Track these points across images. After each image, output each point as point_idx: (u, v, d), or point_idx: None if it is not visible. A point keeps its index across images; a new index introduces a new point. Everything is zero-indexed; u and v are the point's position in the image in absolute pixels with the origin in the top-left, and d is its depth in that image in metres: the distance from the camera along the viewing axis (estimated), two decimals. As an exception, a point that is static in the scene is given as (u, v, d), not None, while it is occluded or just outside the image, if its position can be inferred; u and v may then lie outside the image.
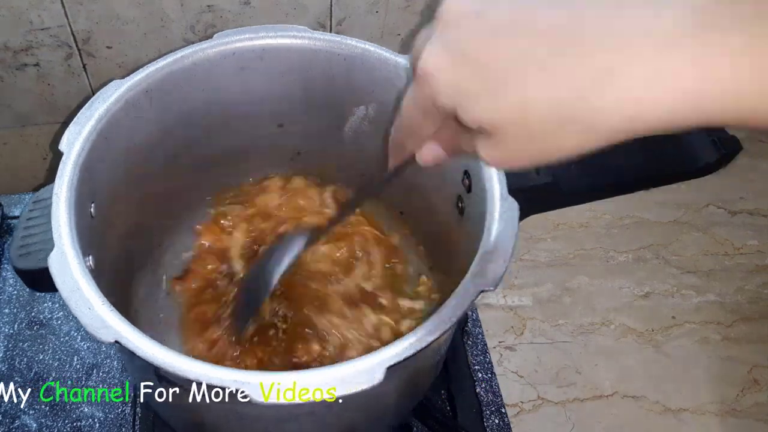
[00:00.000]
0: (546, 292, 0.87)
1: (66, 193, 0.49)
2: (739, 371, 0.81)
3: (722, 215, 0.96)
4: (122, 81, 0.56)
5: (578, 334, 0.83)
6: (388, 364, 0.42)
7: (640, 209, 0.96)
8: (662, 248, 0.92)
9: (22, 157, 0.92)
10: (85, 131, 0.52)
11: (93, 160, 0.52)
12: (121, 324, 0.43)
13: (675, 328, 0.84)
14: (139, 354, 0.42)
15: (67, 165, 0.50)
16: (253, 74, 0.62)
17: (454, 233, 0.62)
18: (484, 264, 0.47)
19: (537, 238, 0.92)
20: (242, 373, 0.41)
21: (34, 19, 0.76)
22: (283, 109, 0.67)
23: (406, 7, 0.89)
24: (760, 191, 0.99)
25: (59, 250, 0.46)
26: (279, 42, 0.61)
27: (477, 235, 0.50)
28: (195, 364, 0.41)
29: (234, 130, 0.67)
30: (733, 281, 0.89)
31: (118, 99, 0.55)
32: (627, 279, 0.88)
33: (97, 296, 0.44)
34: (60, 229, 0.47)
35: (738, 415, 0.77)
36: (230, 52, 0.60)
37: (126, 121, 0.56)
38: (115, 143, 0.56)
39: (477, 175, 0.54)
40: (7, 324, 0.73)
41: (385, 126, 0.65)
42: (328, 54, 0.61)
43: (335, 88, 0.64)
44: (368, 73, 0.61)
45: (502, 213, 0.50)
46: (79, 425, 0.66)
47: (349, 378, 0.41)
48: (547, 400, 0.78)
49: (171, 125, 0.61)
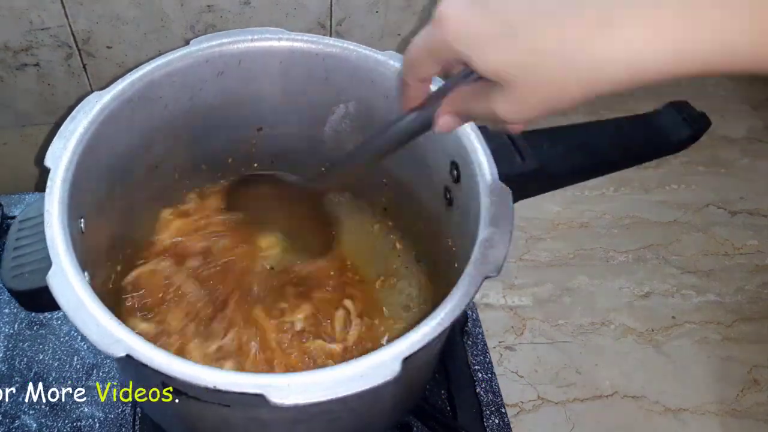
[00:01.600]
0: (546, 292, 0.87)
1: (57, 209, 0.48)
2: (739, 371, 0.81)
3: (722, 215, 0.96)
4: (102, 92, 0.55)
5: (578, 334, 0.83)
6: (404, 355, 0.42)
7: (640, 209, 0.96)
8: (662, 248, 0.92)
9: (22, 157, 0.92)
10: (71, 145, 0.51)
11: (80, 174, 0.51)
12: (131, 337, 0.42)
13: (675, 328, 0.84)
14: (151, 366, 0.41)
15: (56, 181, 0.49)
16: (231, 79, 0.62)
17: (442, 224, 0.62)
18: (485, 250, 0.48)
19: (537, 238, 0.92)
20: (262, 377, 0.41)
21: (34, 19, 0.76)
22: (263, 112, 0.67)
23: (406, 7, 0.89)
24: (760, 191, 0.99)
25: (58, 268, 0.45)
26: (257, 45, 0.61)
27: (467, 224, 0.51)
28: (211, 372, 0.41)
29: (214, 135, 0.67)
30: (733, 281, 0.89)
31: (101, 110, 0.54)
32: (627, 279, 0.88)
33: (103, 311, 0.43)
34: (56, 247, 0.46)
35: (738, 415, 0.77)
36: (208, 57, 0.60)
37: (110, 132, 0.55)
38: (99, 155, 0.55)
39: (465, 164, 0.55)
40: (7, 324, 0.73)
41: (365, 124, 0.65)
42: (305, 54, 0.61)
43: (314, 89, 0.63)
44: (348, 72, 0.61)
45: (496, 199, 0.50)
46: (79, 425, 0.66)
47: (366, 373, 0.41)
48: (547, 400, 0.78)
49: (153, 133, 0.61)
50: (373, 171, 0.64)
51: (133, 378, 0.58)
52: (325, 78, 0.62)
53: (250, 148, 0.70)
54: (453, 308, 0.45)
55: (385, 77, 0.60)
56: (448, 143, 0.56)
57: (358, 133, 0.66)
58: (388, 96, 0.61)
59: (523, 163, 0.58)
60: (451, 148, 0.56)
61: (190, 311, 0.62)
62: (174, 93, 0.60)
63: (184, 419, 0.55)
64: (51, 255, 0.45)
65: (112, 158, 0.57)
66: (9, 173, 0.94)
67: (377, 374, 0.41)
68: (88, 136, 0.53)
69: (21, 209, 0.80)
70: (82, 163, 0.52)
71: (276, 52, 0.61)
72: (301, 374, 0.41)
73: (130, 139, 0.59)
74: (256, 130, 0.68)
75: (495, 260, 0.47)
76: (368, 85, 0.61)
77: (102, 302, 0.44)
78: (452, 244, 0.60)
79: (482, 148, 0.54)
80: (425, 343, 0.43)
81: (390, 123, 0.44)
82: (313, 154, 0.71)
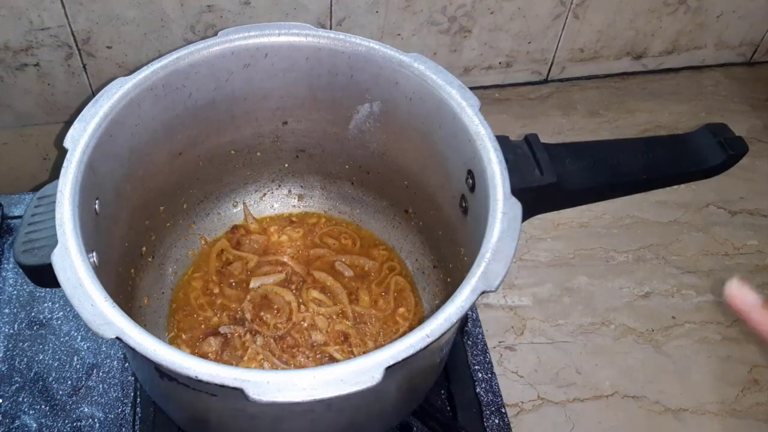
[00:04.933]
0: (546, 292, 0.87)
1: (70, 189, 0.49)
2: (739, 371, 0.81)
3: (722, 215, 0.96)
4: (126, 78, 0.56)
5: (578, 334, 0.83)
6: (386, 364, 0.42)
7: (640, 209, 0.96)
8: (662, 248, 0.92)
9: (22, 157, 0.92)
10: (90, 128, 0.53)
11: (97, 157, 0.53)
12: (123, 320, 0.43)
13: (675, 328, 0.84)
14: (139, 350, 0.42)
15: (72, 162, 0.51)
16: (257, 71, 0.62)
17: (458, 232, 0.62)
18: (486, 265, 0.47)
19: (537, 238, 0.92)
20: (242, 372, 0.41)
21: (34, 19, 0.76)
22: (288, 107, 0.67)
23: (406, 7, 0.89)
24: (760, 191, 0.99)
25: (63, 247, 0.46)
26: (283, 40, 0.61)
27: (480, 234, 0.50)
28: (195, 361, 0.41)
29: (238, 126, 0.67)
30: (733, 281, 0.89)
31: (123, 96, 0.55)
32: (627, 279, 0.88)
33: (100, 292, 0.44)
34: (63, 226, 0.47)
35: (738, 415, 0.77)
36: (234, 50, 0.60)
37: (130, 119, 0.57)
38: (119, 140, 0.56)
39: (480, 175, 0.54)
40: (7, 324, 0.73)
41: (389, 124, 0.65)
42: (332, 52, 0.61)
43: (339, 86, 0.64)
44: (372, 72, 0.61)
45: (505, 213, 0.50)
46: (79, 425, 0.66)
47: (347, 378, 0.41)
48: (547, 400, 0.78)
49: (175, 122, 0.62)
50: (394, 174, 0.64)
51: (137, 368, 0.59)
52: (351, 76, 0.63)
53: (275, 140, 0.71)
54: (444, 322, 0.44)
55: (409, 79, 0.60)
56: (466, 151, 0.56)
57: (382, 133, 0.66)
58: (411, 98, 0.61)
59: (541, 176, 0.56)
60: (467, 157, 0.56)
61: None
62: (198, 83, 0.61)
63: (179, 403, 0.56)
64: (58, 234, 0.46)
65: (133, 143, 0.58)
66: (9, 173, 0.94)
67: (358, 380, 0.41)
68: (108, 120, 0.54)
69: (21, 209, 0.81)
70: (100, 146, 0.53)
71: (302, 47, 0.61)
72: (282, 372, 0.42)
73: (152, 126, 0.60)
74: (281, 124, 0.69)
75: (494, 276, 0.46)
76: (392, 85, 0.61)
77: (103, 283, 0.45)
78: (464, 254, 0.60)
79: (497, 160, 0.53)
80: (410, 353, 0.43)
81: None
82: (337, 152, 0.71)
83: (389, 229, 0.75)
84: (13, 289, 0.75)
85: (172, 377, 0.45)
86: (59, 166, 0.50)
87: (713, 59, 1.13)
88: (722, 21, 1.06)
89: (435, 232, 0.69)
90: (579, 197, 0.61)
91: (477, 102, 0.56)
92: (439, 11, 0.91)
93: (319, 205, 0.78)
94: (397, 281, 0.72)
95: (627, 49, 1.07)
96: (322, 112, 0.67)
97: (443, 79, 0.58)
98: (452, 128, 0.57)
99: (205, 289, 0.70)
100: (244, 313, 0.68)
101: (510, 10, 0.95)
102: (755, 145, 1.03)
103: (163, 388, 0.53)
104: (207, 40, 0.60)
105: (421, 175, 0.67)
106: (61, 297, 0.75)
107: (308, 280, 0.71)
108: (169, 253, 0.71)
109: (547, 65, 1.06)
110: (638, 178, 0.60)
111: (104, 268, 0.52)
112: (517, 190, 0.51)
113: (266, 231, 0.76)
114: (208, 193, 0.73)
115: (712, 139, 0.60)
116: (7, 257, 0.78)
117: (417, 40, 0.94)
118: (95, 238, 0.51)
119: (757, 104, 1.10)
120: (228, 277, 0.71)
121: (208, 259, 0.72)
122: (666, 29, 1.05)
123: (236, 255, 0.73)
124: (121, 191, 0.58)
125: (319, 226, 0.77)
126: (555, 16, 0.98)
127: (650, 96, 1.09)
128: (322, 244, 0.75)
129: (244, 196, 0.76)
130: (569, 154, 0.58)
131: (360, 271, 0.73)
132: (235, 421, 0.53)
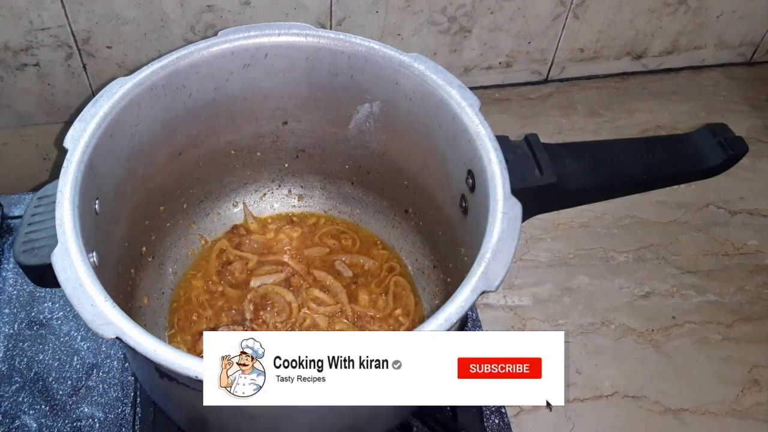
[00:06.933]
0: (546, 292, 0.87)
1: (70, 189, 0.49)
2: (739, 371, 0.81)
3: (722, 215, 0.96)
4: (127, 78, 0.56)
5: (578, 334, 0.83)
6: None
7: (640, 209, 0.96)
8: (662, 248, 0.92)
9: (22, 157, 0.92)
10: (90, 128, 0.53)
11: (98, 157, 0.53)
12: (123, 320, 0.43)
13: (675, 328, 0.84)
14: (139, 350, 0.42)
15: (72, 162, 0.51)
16: (257, 71, 0.62)
17: (458, 232, 0.62)
18: (486, 265, 0.47)
19: (537, 238, 0.92)
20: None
21: (34, 19, 0.76)
22: (288, 107, 0.67)
23: (406, 7, 0.89)
24: (760, 191, 0.99)
25: (63, 247, 0.46)
26: (283, 40, 0.61)
27: (480, 234, 0.50)
28: (195, 361, 0.41)
29: (238, 126, 0.67)
30: (733, 281, 0.89)
31: (123, 96, 0.55)
32: (627, 279, 0.88)
33: (100, 292, 0.44)
34: (63, 226, 0.47)
35: (738, 415, 0.77)
36: (234, 50, 0.60)
37: (130, 119, 0.57)
38: (119, 140, 0.56)
39: (480, 175, 0.54)
40: (7, 324, 0.73)
41: (389, 125, 0.65)
42: (332, 52, 0.61)
43: (339, 86, 0.64)
44: (372, 72, 0.61)
45: (505, 213, 0.50)
46: (79, 425, 0.66)
47: None
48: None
49: (175, 122, 0.62)
50: (394, 174, 0.64)
51: (138, 368, 0.59)
52: (351, 76, 0.63)
53: (275, 140, 0.71)
54: (444, 322, 0.44)
55: (409, 79, 0.60)
56: (466, 151, 0.56)
57: (382, 134, 0.66)
58: (411, 98, 0.61)
59: (541, 176, 0.56)
60: (467, 157, 0.56)
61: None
62: (198, 83, 0.61)
63: (179, 403, 0.56)
64: (58, 234, 0.47)
65: (133, 143, 0.58)
66: (9, 173, 0.94)
67: None
68: (108, 120, 0.54)
69: (21, 209, 0.81)
70: (100, 146, 0.53)
71: (302, 47, 0.61)
72: None
73: (152, 126, 0.60)
74: (281, 124, 0.69)
75: (494, 276, 0.46)
76: (392, 85, 0.61)
77: (103, 283, 0.45)
78: (464, 254, 0.60)
79: (497, 159, 0.53)
80: None
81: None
82: (337, 152, 0.71)
83: (389, 229, 0.75)
84: (13, 289, 0.76)
85: (172, 377, 0.45)
86: (59, 166, 0.50)
87: (713, 59, 1.13)
88: (722, 21, 1.06)
89: (435, 232, 0.69)
90: (579, 197, 0.61)
91: (477, 102, 0.56)
92: (439, 11, 0.91)
93: (319, 205, 0.78)
94: (397, 281, 0.72)
95: (627, 49, 1.07)
96: (322, 112, 0.67)
97: (443, 79, 0.58)
98: (452, 128, 0.57)
99: (205, 289, 0.70)
100: (244, 312, 0.68)
101: (510, 10, 0.95)
102: (755, 145, 1.03)
103: (163, 388, 0.53)
104: (207, 40, 0.60)
105: (421, 175, 0.67)
106: (61, 297, 0.75)
107: (308, 280, 0.71)
108: (169, 253, 0.71)
109: (547, 65, 1.06)
110: (638, 178, 0.60)
111: (104, 268, 0.52)
112: (517, 190, 0.51)
113: (266, 231, 0.76)
114: (208, 193, 0.73)
115: (712, 139, 0.60)
116: (7, 257, 0.78)
117: (417, 40, 0.94)
118: (95, 238, 0.51)
119: (757, 104, 1.10)
120: (228, 277, 0.71)
121: (208, 259, 0.72)
122: (666, 29, 1.05)
123: (236, 255, 0.73)
124: (121, 191, 0.58)
125: (319, 226, 0.77)
126: (555, 16, 0.98)
127: (650, 96, 1.09)
128: (322, 244, 0.75)
129: (244, 196, 0.76)
130: (569, 154, 0.58)
131: (360, 270, 0.73)
132: (234, 421, 0.53)
